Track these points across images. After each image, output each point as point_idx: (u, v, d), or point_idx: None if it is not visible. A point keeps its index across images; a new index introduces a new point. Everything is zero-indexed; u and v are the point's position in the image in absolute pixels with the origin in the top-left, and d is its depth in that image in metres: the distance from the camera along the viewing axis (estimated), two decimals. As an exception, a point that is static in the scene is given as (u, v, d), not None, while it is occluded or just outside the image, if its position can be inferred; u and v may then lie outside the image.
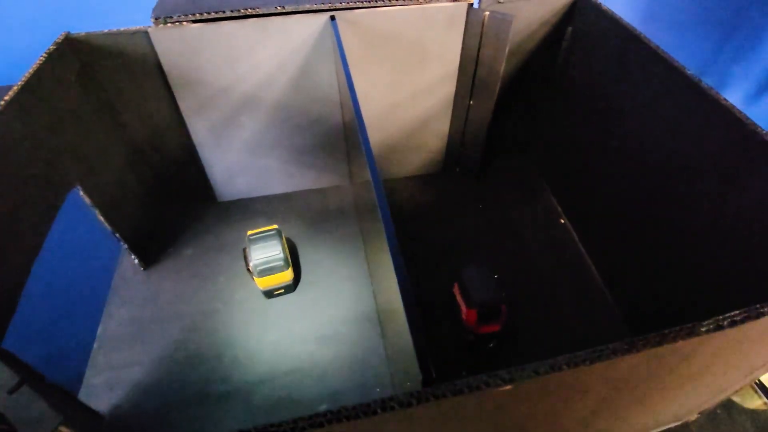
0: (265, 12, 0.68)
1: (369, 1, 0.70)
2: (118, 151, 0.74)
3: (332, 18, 0.69)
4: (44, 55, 0.59)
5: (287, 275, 0.72)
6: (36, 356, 0.51)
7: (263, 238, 0.71)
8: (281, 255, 0.70)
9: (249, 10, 0.67)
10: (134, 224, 0.77)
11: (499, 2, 0.74)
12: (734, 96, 1.38)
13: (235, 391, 0.63)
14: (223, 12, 0.67)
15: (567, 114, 0.84)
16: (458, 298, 0.68)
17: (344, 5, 0.69)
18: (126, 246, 0.74)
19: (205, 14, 0.66)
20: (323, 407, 0.62)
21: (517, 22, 0.77)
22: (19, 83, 0.54)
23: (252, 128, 0.81)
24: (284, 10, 0.68)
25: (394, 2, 0.71)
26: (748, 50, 1.29)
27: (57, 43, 0.62)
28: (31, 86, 0.55)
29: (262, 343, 0.69)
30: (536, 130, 0.95)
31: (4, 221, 0.48)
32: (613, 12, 0.69)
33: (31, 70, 0.56)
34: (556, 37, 0.81)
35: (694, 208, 0.56)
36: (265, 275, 0.70)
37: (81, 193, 0.64)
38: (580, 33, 0.77)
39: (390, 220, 0.39)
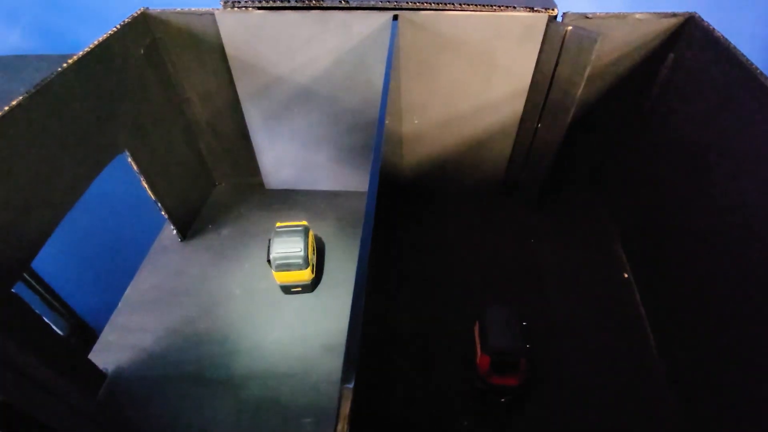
0: (329, 5, 0.66)
1: (437, 3, 0.65)
2: (176, 124, 0.78)
3: (395, 17, 0.65)
4: (118, 26, 0.63)
5: (305, 274, 0.69)
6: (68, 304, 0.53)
7: (288, 232, 0.70)
8: (301, 253, 0.68)
9: (313, 2, 0.66)
10: (180, 196, 0.80)
11: (587, 17, 0.65)
12: None
13: (226, 380, 0.62)
14: (288, 1, 0.66)
15: (653, 153, 0.72)
16: (476, 339, 0.61)
17: (410, 5, 0.66)
18: (165, 216, 0.77)
19: (270, 2, 0.66)
20: (308, 420, 0.59)
21: (605, 42, 0.67)
22: (86, 50, 0.57)
23: (304, 121, 0.80)
24: (348, 5, 0.66)
25: (464, 6, 0.65)
26: None
27: (133, 17, 0.66)
28: (97, 53, 0.59)
29: (266, 339, 0.67)
30: (612, 166, 0.83)
31: (41, 172, 0.51)
32: (728, 40, 0.57)
33: (101, 38, 0.60)
34: (653, 64, 0.69)
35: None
36: (282, 270, 0.68)
37: (129, 159, 0.67)
38: (685, 62, 0.65)
39: (370, 230, 0.35)
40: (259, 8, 0.67)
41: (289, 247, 0.68)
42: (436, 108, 0.78)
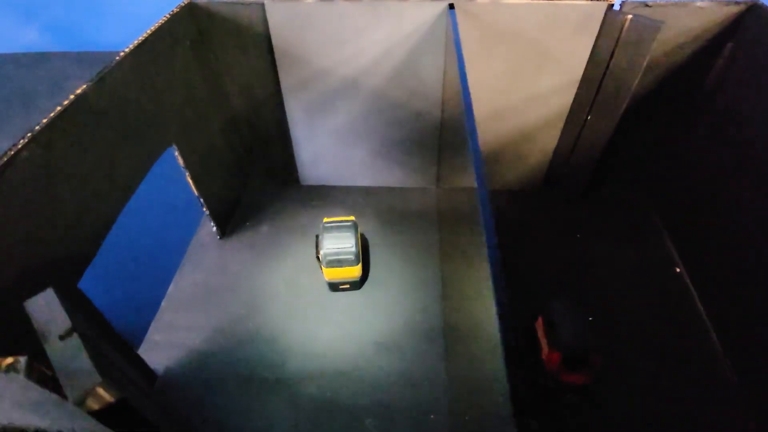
0: (381, -6, 0.64)
1: (494, -8, 0.64)
2: (216, 118, 0.76)
3: (451, 6, 0.64)
4: (165, 17, 0.61)
5: (356, 271, 0.68)
6: (106, 304, 0.52)
7: (338, 228, 0.68)
8: (354, 249, 0.66)
9: (365, -10, 0.64)
10: (219, 192, 0.79)
11: (647, 5, 0.64)
12: None
13: (281, 382, 0.60)
14: (339, -10, 0.64)
15: (706, 147, 0.71)
16: (540, 335, 0.59)
17: (466, -6, 0.64)
18: (207, 212, 0.75)
19: (321, -9, 0.64)
20: (369, 421, 0.57)
21: (664, 30, 0.66)
22: (138, 40, 0.55)
23: (346, 114, 0.78)
24: (401, -6, 0.64)
25: (521, -5, 0.64)
26: None
27: (180, 7, 0.64)
28: (149, 45, 0.57)
29: (317, 337, 0.65)
30: (661, 160, 0.81)
31: (103, 164, 0.50)
32: (798, 27, 0.56)
33: (150, 30, 0.58)
34: (711, 55, 0.68)
35: None
36: (333, 266, 0.66)
37: (176, 153, 0.65)
38: (744, 50, 0.64)
39: (493, 235, 0.33)
40: (310, -2, 0.65)
41: (340, 242, 0.66)
42: (483, 101, 0.76)
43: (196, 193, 0.71)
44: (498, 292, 0.29)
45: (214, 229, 0.78)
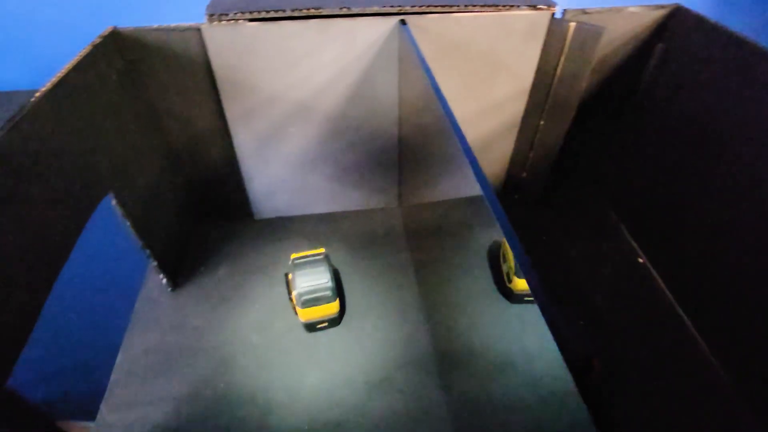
0: (329, 13, 0.61)
1: (442, 6, 0.63)
2: (154, 157, 0.68)
3: (402, 22, 0.62)
4: (87, 48, 0.53)
5: (334, 307, 0.63)
6: (43, 396, 0.42)
7: (310, 263, 0.63)
8: (330, 284, 0.61)
9: (312, 10, 0.61)
10: (165, 240, 0.70)
11: (586, 12, 0.67)
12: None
13: (270, 445, 0.54)
14: (284, 11, 0.60)
15: (651, 142, 0.75)
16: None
17: (415, 9, 0.63)
18: (155, 263, 0.66)
19: (263, 12, 0.60)
20: (375, 472, 0.52)
21: (603, 35, 0.69)
22: (57, 77, 0.47)
23: (301, 140, 0.74)
24: (350, 12, 0.61)
25: (469, 8, 0.64)
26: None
27: (102, 37, 0.56)
28: (69, 81, 0.49)
29: (302, 386, 0.59)
30: (611, 158, 0.85)
31: (25, 235, 0.41)
32: (719, 24, 0.61)
33: (70, 64, 0.50)
34: (645, 54, 0.72)
35: None
36: (310, 306, 0.61)
37: (113, 201, 0.56)
38: (675, 50, 0.68)
39: (521, 249, 0.30)
40: (252, 20, 0.60)
41: (314, 279, 0.61)
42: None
43: (139, 243, 0.62)
44: (550, 323, 0.26)
45: (164, 281, 0.69)
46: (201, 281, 0.73)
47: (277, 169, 0.77)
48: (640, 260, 0.78)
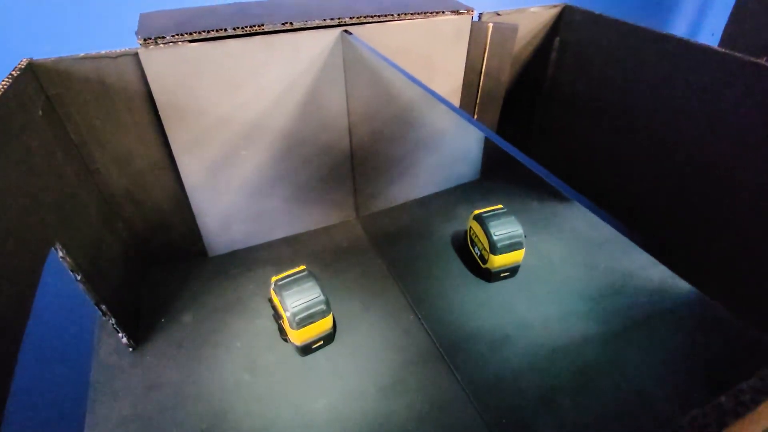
0: (272, 29, 0.61)
1: (378, 15, 0.67)
2: (91, 203, 0.60)
3: (347, 32, 0.64)
4: (3, 84, 0.46)
5: (329, 321, 0.60)
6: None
7: (296, 281, 0.60)
8: (322, 297, 0.59)
9: (255, 27, 0.60)
10: (118, 293, 0.61)
11: (498, 14, 0.75)
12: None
13: (300, 480, 0.49)
14: (225, 30, 0.59)
15: (569, 123, 0.86)
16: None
17: (354, 20, 0.65)
18: (113, 322, 0.57)
19: (204, 32, 0.58)
20: (415, 473, 0.50)
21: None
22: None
23: (254, 163, 0.71)
24: (292, 27, 0.62)
25: (402, 16, 0.68)
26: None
27: (18, 69, 0.49)
28: (-2, 115, 0.42)
29: (313, 412, 0.55)
30: (539, 140, 0.95)
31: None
32: (599, 13, 0.73)
33: (-5, 97, 0.43)
34: (548, 48, 0.84)
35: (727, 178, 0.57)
36: (306, 324, 0.58)
37: (60, 254, 0.49)
38: (570, 41, 0.80)
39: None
40: (193, 41, 0.57)
41: (305, 296, 0.58)
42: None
43: (93, 300, 0.54)
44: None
45: (124, 340, 0.60)
46: (165, 332, 0.65)
47: (232, 197, 0.73)
48: (580, 224, 0.87)
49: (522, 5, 0.79)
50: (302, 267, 0.63)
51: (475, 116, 0.84)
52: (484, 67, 0.77)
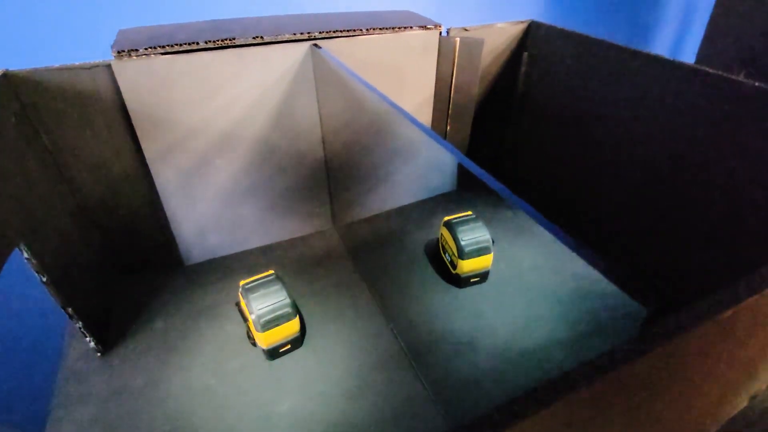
0: (243, 42, 0.64)
1: (347, 30, 0.70)
2: (66, 207, 0.61)
3: (316, 46, 0.67)
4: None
5: (295, 325, 0.61)
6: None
7: (263, 284, 0.60)
8: (288, 300, 0.59)
9: (226, 40, 0.63)
10: (87, 297, 0.62)
11: (466, 30, 0.79)
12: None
13: (257, 482, 0.49)
14: (197, 43, 0.62)
15: (540, 135, 0.88)
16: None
17: (323, 34, 0.68)
18: (80, 325, 0.58)
19: (176, 45, 0.61)
20: (375, 475, 0.50)
21: (483, 48, 0.82)
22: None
23: (228, 172, 0.73)
24: (263, 41, 0.65)
25: (371, 30, 0.71)
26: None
27: (-6, 79, 0.52)
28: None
29: (276, 416, 0.55)
30: (511, 152, 0.98)
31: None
32: (564, 28, 0.76)
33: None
34: (516, 62, 0.87)
35: (694, 185, 0.59)
36: (272, 327, 0.58)
37: (25, 255, 0.50)
38: (537, 55, 0.83)
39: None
40: (165, 53, 0.60)
41: (271, 299, 0.59)
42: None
43: (60, 303, 0.55)
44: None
45: (92, 344, 0.61)
46: (135, 339, 0.65)
47: (206, 206, 0.75)
48: (553, 233, 0.88)
49: (490, 21, 0.82)
50: (270, 272, 0.64)
51: (448, 127, 0.86)
52: (453, 80, 0.80)
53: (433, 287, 0.76)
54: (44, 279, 0.52)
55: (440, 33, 0.76)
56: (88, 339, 0.60)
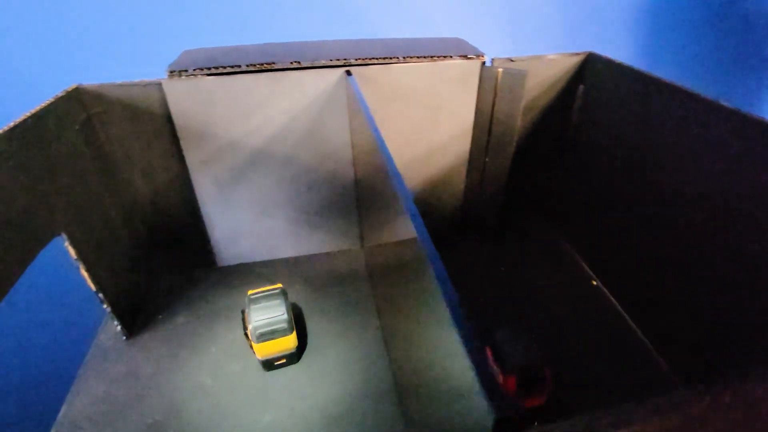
0: (280, 67, 0.68)
1: (383, 58, 0.71)
2: (114, 205, 0.70)
3: (348, 73, 0.69)
4: (47, 101, 0.58)
5: (290, 341, 0.62)
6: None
7: (265, 297, 0.63)
8: (285, 316, 0.61)
9: (264, 64, 0.67)
10: (122, 286, 0.70)
11: (511, 60, 0.75)
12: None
13: (219, 489, 0.50)
14: (239, 66, 0.67)
15: (588, 172, 0.81)
16: (491, 364, 0.58)
17: (358, 61, 0.70)
18: (109, 309, 0.65)
19: (220, 68, 0.66)
20: None
21: (529, 79, 0.77)
22: (12, 123, 0.51)
23: (260, 185, 0.77)
24: (300, 65, 0.68)
25: (407, 58, 0.71)
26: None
27: (66, 92, 0.61)
28: (26, 128, 0.52)
29: (257, 426, 0.57)
30: (557, 190, 0.91)
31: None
32: (623, 63, 0.69)
33: (28, 113, 0.53)
34: (570, 96, 0.81)
35: (743, 247, 0.50)
36: (266, 340, 0.60)
37: (66, 243, 0.58)
38: (594, 90, 0.77)
39: (449, 282, 0.33)
40: (209, 74, 0.66)
41: (269, 312, 0.61)
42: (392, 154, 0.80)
43: (93, 287, 0.62)
44: (467, 345, 0.28)
45: (119, 328, 0.68)
46: (158, 328, 0.72)
47: (239, 214, 0.80)
48: (594, 282, 0.80)
49: (542, 52, 0.78)
50: (279, 285, 0.66)
51: (486, 159, 0.83)
52: (494, 111, 0.77)
53: (440, 326, 0.73)
54: (80, 265, 0.60)
55: (483, 63, 0.74)
56: (115, 323, 0.67)
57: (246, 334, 0.62)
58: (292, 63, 0.68)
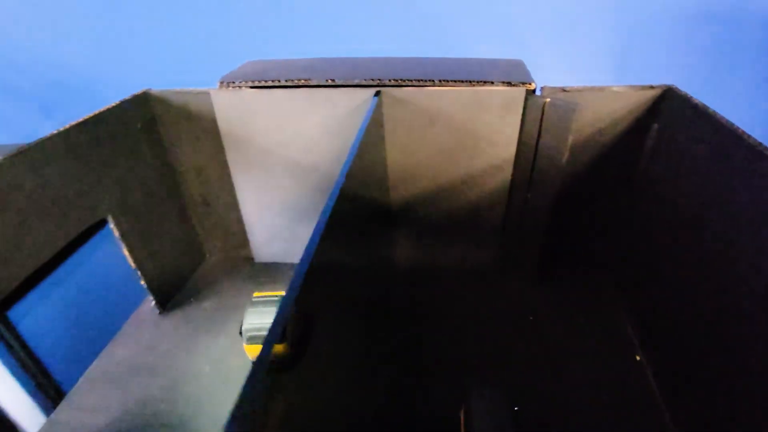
0: (316, 84, 0.70)
1: (418, 80, 0.69)
2: (170, 196, 0.79)
3: (376, 93, 0.68)
4: (115, 102, 0.67)
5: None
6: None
7: (264, 302, 0.66)
8: (275, 325, 0.63)
9: (302, 81, 0.70)
10: (163, 268, 0.79)
11: (564, 90, 0.67)
12: None
13: (177, 473, 0.54)
14: (279, 81, 0.71)
15: (651, 224, 0.69)
16: (462, 427, 0.53)
17: (392, 82, 0.69)
18: (145, 286, 0.75)
19: (261, 81, 0.71)
20: None
21: (586, 113, 0.68)
22: (77, 120, 0.60)
23: (293, 192, 0.81)
24: (334, 83, 0.70)
25: (443, 82, 0.68)
26: None
27: (135, 95, 0.71)
28: (89, 124, 0.62)
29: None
30: (613, 239, 0.79)
31: (16, 220, 0.51)
32: (705, 105, 0.57)
33: (96, 112, 0.63)
34: (638, 135, 0.69)
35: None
36: (255, 343, 0.63)
37: (111, 225, 0.67)
38: (669, 130, 0.65)
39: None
40: (252, 87, 0.71)
41: (263, 317, 0.64)
42: (425, 180, 0.78)
43: (132, 265, 0.72)
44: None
45: (153, 303, 0.77)
46: (187, 310, 0.80)
47: (274, 217, 0.85)
48: (637, 357, 0.68)
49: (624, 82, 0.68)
50: (281, 292, 0.69)
51: (528, 194, 0.75)
52: (538, 145, 0.70)
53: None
54: (123, 246, 0.69)
55: (533, 90, 0.67)
56: (150, 298, 0.77)
57: (240, 333, 0.66)
58: (327, 81, 0.70)
